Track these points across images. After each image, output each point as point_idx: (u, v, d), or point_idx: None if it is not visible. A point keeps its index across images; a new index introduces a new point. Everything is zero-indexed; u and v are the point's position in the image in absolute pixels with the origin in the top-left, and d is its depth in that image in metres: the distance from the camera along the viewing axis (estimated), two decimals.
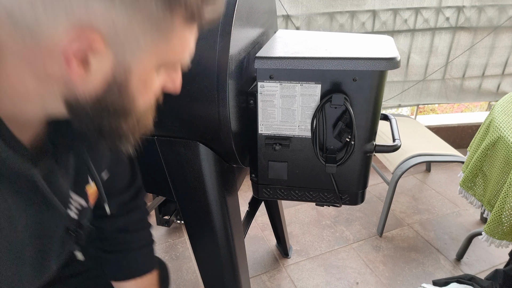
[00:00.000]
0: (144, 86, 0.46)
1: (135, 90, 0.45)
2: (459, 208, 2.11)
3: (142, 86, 0.45)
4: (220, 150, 0.88)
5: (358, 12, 2.14)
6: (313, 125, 0.85)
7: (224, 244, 0.99)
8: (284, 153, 0.90)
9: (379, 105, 0.83)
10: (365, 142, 0.86)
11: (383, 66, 0.77)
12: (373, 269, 1.72)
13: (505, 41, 2.39)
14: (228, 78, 0.76)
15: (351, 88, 0.80)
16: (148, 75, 0.45)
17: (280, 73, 0.81)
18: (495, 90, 2.58)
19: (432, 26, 2.27)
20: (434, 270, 1.71)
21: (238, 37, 0.80)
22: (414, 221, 2.02)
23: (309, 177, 0.92)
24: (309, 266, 1.74)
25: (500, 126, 1.29)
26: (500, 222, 1.25)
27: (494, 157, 1.30)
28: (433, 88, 2.49)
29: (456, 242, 1.86)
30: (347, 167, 0.89)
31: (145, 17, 0.39)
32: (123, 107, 0.46)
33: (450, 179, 2.37)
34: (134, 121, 0.48)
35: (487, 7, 2.25)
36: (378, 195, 2.23)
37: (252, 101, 0.86)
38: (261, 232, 1.95)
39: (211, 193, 0.92)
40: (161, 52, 0.44)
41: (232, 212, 1.00)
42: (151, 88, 0.47)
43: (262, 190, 0.98)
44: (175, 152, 0.88)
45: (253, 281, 1.65)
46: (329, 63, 0.78)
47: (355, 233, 1.94)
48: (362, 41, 0.92)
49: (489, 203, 1.34)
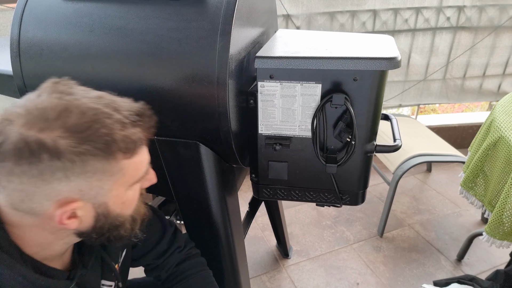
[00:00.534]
0: (124, 204, 0.59)
1: (119, 210, 0.59)
2: (460, 208, 2.11)
3: (122, 205, 0.59)
4: (220, 150, 0.88)
5: (358, 12, 2.13)
6: (313, 125, 0.84)
7: (224, 244, 0.99)
8: (284, 153, 0.90)
9: (379, 105, 0.83)
10: (366, 142, 0.86)
11: (384, 66, 0.77)
12: (373, 269, 1.71)
13: (506, 41, 2.38)
14: (228, 78, 0.76)
15: (352, 88, 0.80)
16: (123, 197, 0.58)
17: (281, 73, 0.81)
18: (496, 90, 2.58)
19: (432, 26, 2.26)
20: (434, 270, 1.70)
21: (238, 37, 0.80)
22: (414, 222, 2.01)
23: (309, 177, 0.92)
24: (310, 266, 1.73)
25: (501, 126, 1.28)
26: (501, 222, 1.25)
27: (495, 157, 1.30)
28: (433, 88, 2.48)
29: (457, 243, 1.85)
30: (347, 167, 0.89)
31: (98, 174, 0.53)
32: (115, 223, 0.60)
33: (451, 179, 2.37)
34: (129, 224, 0.63)
35: (488, 7, 2.25)
36: (379, 195, 2.23)
37: (252, 101, 0.86)
38: (261, 232, 1.95)
39: (211, 193, 0.92)
40: (122, 182, 0.57)
41: (232, 212, 1.00)
42: (130, 202, 0.61)
43: (262, 190, 0.97)
44: (175, 152, 0.88)
45: (253, 282, 1.65)
46: (329, 63, 0.78)
47: (356, 233, 1.93)
48: (362, 40, 0.92)
49: (490, 204, 1.34)
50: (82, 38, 0.81)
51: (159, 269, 0.87)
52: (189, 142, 0.85)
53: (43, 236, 0.57)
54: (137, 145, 0.56)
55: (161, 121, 0.83)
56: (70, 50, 0.82)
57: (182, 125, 0.84)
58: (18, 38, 0.84)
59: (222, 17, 0.76)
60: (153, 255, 0.86)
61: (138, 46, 0.79)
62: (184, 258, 0.89)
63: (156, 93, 0.80)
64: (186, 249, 0.91)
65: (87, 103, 0.53)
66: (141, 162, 0.59)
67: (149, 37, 0.78)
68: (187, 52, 0.77)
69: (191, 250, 0.92)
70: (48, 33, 0.83)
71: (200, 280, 0.88)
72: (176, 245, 0.89)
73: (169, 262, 0.87)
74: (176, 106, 0.81)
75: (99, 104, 0.54)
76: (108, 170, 0.53)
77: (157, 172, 0.93)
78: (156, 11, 0.79)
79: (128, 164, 0.56)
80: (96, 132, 0.51)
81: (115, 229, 0.60)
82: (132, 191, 0.60)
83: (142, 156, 0.59)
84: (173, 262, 0.87)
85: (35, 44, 0.83)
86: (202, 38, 0.76)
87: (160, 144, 0.87)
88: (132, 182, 0.58)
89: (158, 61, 0.78)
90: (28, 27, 0.84)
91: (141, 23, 0.79)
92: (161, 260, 0.87)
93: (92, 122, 0.51)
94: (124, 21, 0.80)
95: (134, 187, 0.60)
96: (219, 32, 0.75)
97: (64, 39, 0.82)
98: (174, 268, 0.88)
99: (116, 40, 0.80)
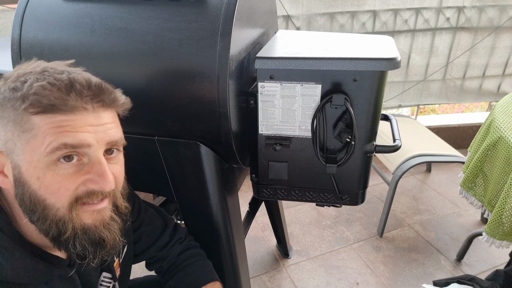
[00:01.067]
0: (41, 183, 0.52)
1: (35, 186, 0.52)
2: (460, 208, 2.11)
3: (39, 183, 0.52)
4: (220, 150, 0.88)
5: (358, 13, 2.14)
6: (313, 125, 0.85)
7: (225, 244, 0.99)
8: (284, 153, 0.90)
9: (379, 106, 0.83)
10: (366, 143, 0.86)
11: (384, 67, 0.77)
12: (373, 269, 1.72)
13: (506, 42, 2.38)
14: (228, 78, 0.76)
15: (352, 88, 0.80)
16: (37, 170, 0.51)
17: (281, 73, 0.81)
18: (495, 91, 2.58)
19: (432, 26, 2.26)
20: (434, 270, 1.71)
21: (239, 38, 0.80)
22: (414, 222, 2.02)
23: (309, 177, 0.92)
24: (310, 266, 1.74)
25: (501, 126, 1.29)
26: (500, 222, 1.25)
27: (495, 157, 1.30)
28: (433, 89, 2.49)
29: (456, 243, 1.85)
30: (347, 168, 0.89)
31: (10, 124, 0.51)
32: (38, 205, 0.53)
33: (451, 180, 2.37)
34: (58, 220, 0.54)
35: (488, 7, 2.25)
36: (379, 196, 2.23)
37: (253, 101, 0.86)
38: (261, 232, 1.95)
39: (211, 193, 0.92)
40: (34, 146, 0.51)
41: (233, 212, 1.00)
42: (52, 185, 0.52)
43: (262, 190, 0.97)
44: (176, 152, 0.88)
45: (253, 282, 1.65)
46: (329, 64, 0.78)
47: (356, 233, 1.93)
48: (362, 41, 0.92)
49: (489, 204, 1.34)
50: (83, 39, 0.82)
51: (162, 260, 0.89)
52: (190, 142, 0.86)
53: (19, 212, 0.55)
54: (53, 105, 0.50)
55: (161, 121, 0.84)
56: (71, 51, 0.82)
57: (182, 125, 0.84)
58: (19, 38, 0.84)
59: (222, 18, 0.76)
60: (156, 248, 0.88)
61: (139, 46, 0.79)
62: (185, 248, 0.91)
63: (157, 93, 0.80)
64: (187, 240, 0.93)
65: (46, 64, 0.55)
66: (60, 129, 0.51)
67: (150, 38, 0.78)
68: (187, 53, 0.77)
69: (191, 242, 0.94)
70: (49, 33, 0.83)
71: (201, 268, 0.90)
72: (177, 236, 0.91)
73: (171, 253, 0.89)
74: (177, 106, 0.81)
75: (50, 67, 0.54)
76: (18, 123, 0.51)
77: (157, 172, 0.94)
78: (156, 11, 0.79)
79: (40, 124, 0.50)
80: (21, 82, 0.52)
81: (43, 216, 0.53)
82: (53, 171, 0.51)
83: (65, 125, 0.51)
84: (174, 253, 0.89)
85: (36, 45, 0.84)
86: (203, 39, 0.76)
87: (160, 144, 0.88)
88: (47, 152, 0.50)
89: (158, 62, 0.79)
90: (29, 28, 0.84)
91: (141, 24, 0.79)
92: (163, 252, 0.89)
93: (27, 74, 0.53)
94: (125, 21, 0.80)
95: (58, 169, 0.52)
96: (219, 33, 0.76)
97: (65, 39, 0.82)
98: (176, 258, 0.89)
99: (117, 41, 0.80)
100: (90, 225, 0.56)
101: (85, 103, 0.53)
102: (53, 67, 0.55)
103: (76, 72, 0.55)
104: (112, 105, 0.57)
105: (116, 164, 0.59)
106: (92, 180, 0.54)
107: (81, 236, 0.55)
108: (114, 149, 0.58)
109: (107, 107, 0.56)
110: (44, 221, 0.53)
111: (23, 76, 0.53)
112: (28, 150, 0.51)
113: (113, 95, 0.57)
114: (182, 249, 0.91)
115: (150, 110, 0.83)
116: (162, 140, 0.87)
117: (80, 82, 0.53)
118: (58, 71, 0.54)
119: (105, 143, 0.55)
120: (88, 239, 0.56)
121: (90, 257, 0.57)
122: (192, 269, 0.88)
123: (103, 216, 0.57)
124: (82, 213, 0.55)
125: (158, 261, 0.89)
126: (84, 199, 0.54)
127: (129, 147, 0.94)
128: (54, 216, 0.53)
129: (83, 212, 0.55)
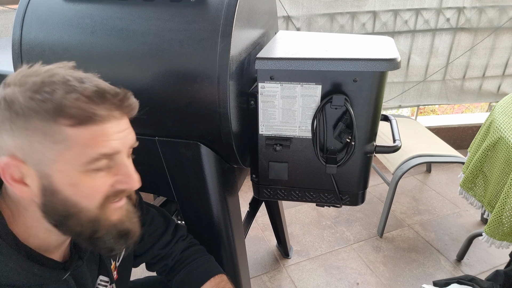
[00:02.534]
0: (76, 189, 0.54)
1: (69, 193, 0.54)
2: (460, 209, 2.11)
3: (74, 189, 0.54)
4: (221, 150, 0.88)
5: (358, 13, 2.14)
6: (313, 126, 0.85)
7: (225, 244, 1.00)
8: (284, 153, 0.90)
9: (379, 106, 0.83)
10: (366, 143, 0.86)
11: (384, 67, 0.77)
12: (373, 269, 1.72)
13: (506, 42, 2.39)
14: (229, 79, 0.76)
15: (352, 89, 0.80)
16: (73, 178, 0.53)
17: (281, 74, 0.82)
18: (495, 91, 2.58)
19: (432, 27, 2.27)
20: (434, 271, 1.71)
21: (239, 38, 0.80)
22: (414, 222, 2.02)
23: (309, 178, 0.93)
24: (310, 266, 1.74)
25: (501, 127, 1.29)
26: (500, 223, 1.25)
27: (495, 158, 1.30)
28: (433, 89, 2.49)
29: (456, 243, 1.86)
30: (347, 168, 0.89)
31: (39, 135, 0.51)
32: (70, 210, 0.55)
33: (451, 180, 2.37)
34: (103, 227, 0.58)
35: (488, 8, 2.25)
36: (379, 196, 2.24)
37: (253, 102, 0.87)
38: (261, 232, 1.95)
39: (211, 193, 0.92)
40: (69, 158, 0.52)
41: (233, 213, 1.00)
42: (87, 190, 0.55)
43: (262, 190, 0.98)
44: (176, 152, 0.88)
45: (253, 282, 1.65)
46: (329, 64, 0.79)
47: (356, 233, 1.94)
48: (362, 42, 0.92)
49: (489, 204, 1.34)
50: (83, 40, 0.82)
51: (166, 258, 0.90)
52: (190, 142, 0.86)
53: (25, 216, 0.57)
54: (89, 117, 0.52)
55: (162, 121, 0.84)
56: (71, 51, 0.82)
57: (183, 126, 0.84)
58: (20, 39, 0.85)
59: (223, 19, 0.76)
60: (159, 246, 0.89)
61: (140, 47, 0.79)
62: (187, 245, 0.92)
63: (157, 94, 0.81)
64: (189, 238, 0.94)
65: (59, 71, 0.55)
66: (96, 140, 0.53)
67: (151, 38, 0.79)
68: (188, 53, 0.77)
69: (192, 239, 0.96)
70: (50, 34, 0.83)
71: (207, 262, 0.91)
72: (180, 234, 0.92)
73: (175, 251, 0.90)
74: (177, 107, 0.81)
75: (69, 75, 0.54)
76: (49, 134, 0.51)
77: (158, 172, 0.95)
78: (157, 12, 0.79)
79: (75, 136, 0.52)
80: (47, 92, 0.51)
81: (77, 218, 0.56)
82: (89, 178, 0.54)
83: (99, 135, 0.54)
84: (178, 250, 0.90)
85: (37, 45, 0.84)
86: (203, 40, 0.77)
87: (161, 144, 0.88)
88: (85, 162, 0.53)
89: (159, 62, 0.79)
90: (30, 28, 0.84)
91: (142, 25, 0.79)
92: (167, 249, 0.89)
93: (49, 83, 0.52)
94: (125, 22, 0.80)
95: (94, 175, 0.54)
96: (220, 34, 0.76)
97: (65, 40, 0.82)
98: (180, 255, 0.90)
99: (118, 42, 0.80)
100: (117, 221, 0.60)
101: (113, 112, 0.55)
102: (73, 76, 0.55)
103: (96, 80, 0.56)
104: (132, 111, 0.59)
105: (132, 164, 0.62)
106: (121, 181, 0.57)
107: (112, 232, 0.59)
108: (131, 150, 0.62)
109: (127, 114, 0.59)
110: (77, 223, 0.56)
111: (47, 85, 0.52)
112: (61, 161, 0.52)
113: (131, 100, 0.59)
114: (185, 246, 0.92)
115: (151, 111, 0.83)
116: (163, 141, 0.87)
117: (108, 91, 0.55)
118: (79, 79, 0.54)
119: (128, 147, 0.59)
120: (117, 233, 0.60)
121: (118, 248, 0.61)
122: (198, 263, 0.89)
123: (126, 211, 0.62)
124: (110, 211, 0.58)
125: (162, 260, 0.90)
126: (111, 199, 0.58)
127: None
128: (87, 217, 0.56)
129: (111, 210, 0.58)
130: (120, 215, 0.60)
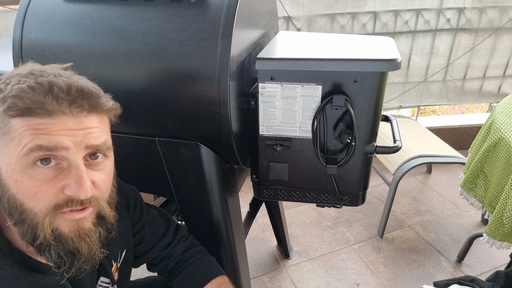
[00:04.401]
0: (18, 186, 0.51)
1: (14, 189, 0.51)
2: (460, 209, 2.11)
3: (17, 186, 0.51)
4: (221, 151, 0.88)
5: (359, 14, 2.14)
6: (314, 126, 0.85)
7: (225, 244, 1.00)
8: (285, 154, 0.90)
9: (380, 106, 0.83)
10: (366, 143, 0.86)
11: (384, 68, 0.77)
12: (373, 270, 1.72)
13: (506, 43, 2.39)
14: (229, 79, 0.76)
15: (352, 89, 0.80)
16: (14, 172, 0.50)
17: (281, 74, 0.82)
18: (496, 92, 2.58)
19: (433, 27, 2.27)
20: (435, 271, 1.71)
21: (239, 38, 0.80)
22: (415, 223, 2.02)
23: (309, 178, 0.93)
24: (310, 267, 1.74)
25: (501, 127, 1.29)
26: (501, 223, 1.25)
27: (495, 158, 1.30)
28: (434, 90, 2.49)
29: (457, 244, 1.85)
30: (347, 168, 0.89)
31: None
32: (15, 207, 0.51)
33: (451, 181, 2.37)
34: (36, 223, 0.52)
35: (488, 8, 2.25)
36: (379, 196, 2.23)
37: (253, 102, 0.87)
38: (261, 233, 1.95)
39: (212, 194, 0.92)
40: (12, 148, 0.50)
41: (233, 213, 1.00)
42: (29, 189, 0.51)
43: (263, 191, 0.98)
44: (176, 153, 0.88)
45: (253, 282, 1.65)
46: (330, 64, 0.78)
47: (356, 234, 1.93)
48: (363, 42, 0.92)
49: (490, 205, 1.34)
50: (84, 40, 0.82)
51: (167, 259, 0.90)
52: (190, 143, 0.86)
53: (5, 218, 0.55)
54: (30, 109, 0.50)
55: (162, 121, 0.84)
56: (72, 52, 0.82)
57: (183, 126, 0.84)
58: (20, 39, 0.85)
59: (223, 19, 0.76)
60: (160, 247, 0.88)
61: (140, 47, 0.79)
62: (189, 246, 0.92)
63: (158, 94, 0.81)
64: (190, 238, 0.94)
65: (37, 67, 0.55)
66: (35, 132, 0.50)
67: (151, 39, 0.79)
68: (188, 54, 0.77)
69: (193, 240, 0.95)
70: (50, 34, 0.83)
71: (208, 263, 0.91)
72: (180, 235, 0.92)
73: (176, 251, 0.90)
74: (178, 107, 0.81)
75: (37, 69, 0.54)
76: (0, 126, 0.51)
77: (158, 172, 0.95)
78: (157, 12, 0.80)
79: (17, 127, 0.50)
80: (4, 85, 0.52)
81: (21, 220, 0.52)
82: (29, 174, 0.50)
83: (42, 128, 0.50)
84: (179, 250, 0.90)
85: (37, 46, 0.84)
86: (204, 40, 0.77)
87: (161, 144, 0.88)
88: (22, 153, 0.50)
89: (159, 63, 0.79)
90: (30, 29, 0.84)
91: (142, 25, 0.79)
92: (168, 250, 0.89)
93: (11, 77, 0.53)
94: (126, 22, 0.80)
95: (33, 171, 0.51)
96: (220, 34, 0.76)
97: (66, 40, 0.82)
98: (181, 256, 0.90)
99: (118, 42, 0.80)
100: (65, 234, 0.54)
101: (63, 107, 0.51)
102: (42, 70, 0.54)
103: (62, 76, 0.54)
104: (94, 110, 0.54)
105: (101, 171, 0.57)
106: (69, 186, 0.52)
107: (54, 245, 0.53)
108: (99, 153, 0.56)
109: (89, 112, 0.54)
110: (22, 224, 0.52)
111: (9, 78, 0.53)
112: (7, 153, 0.50)
113: (97, 100, 0.55)
114: (187, 247, 0.92)
115: (151, 111, 0.83)
116: (163, 141, 0.87)
117: (59, 86, 0.52)
118: (44, 74, 0.53)
119: (84, 147, 0.53)
120: (62, 249, 0.54)
121: (66, 267, 0.55)
122: (199, 264, 0.89)
123: (80, 226, 0.55)
124: (60, 221, 0.53)
125: (162, 260, 0.89)
126: (64, 208, 0.52)
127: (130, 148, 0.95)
128: (31, 221, 0.52)
129: (61, 220, 0.53)
130: (71, 230, 0.54)
